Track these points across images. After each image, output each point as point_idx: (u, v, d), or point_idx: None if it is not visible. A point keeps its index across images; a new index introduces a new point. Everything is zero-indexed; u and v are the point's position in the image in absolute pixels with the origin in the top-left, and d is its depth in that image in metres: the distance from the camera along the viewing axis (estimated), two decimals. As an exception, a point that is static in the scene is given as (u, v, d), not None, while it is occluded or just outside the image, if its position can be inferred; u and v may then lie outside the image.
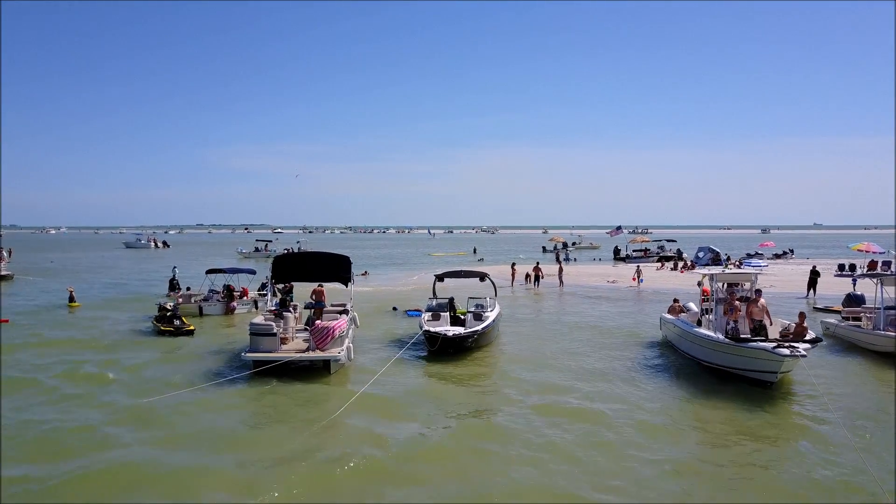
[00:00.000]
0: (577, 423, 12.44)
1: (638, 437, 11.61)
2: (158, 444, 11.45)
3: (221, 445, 11.33)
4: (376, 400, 14.06)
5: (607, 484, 9.67)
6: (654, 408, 13.51)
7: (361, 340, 19.53)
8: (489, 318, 19.63)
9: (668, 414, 13.13)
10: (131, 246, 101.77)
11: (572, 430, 11.99)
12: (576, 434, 11.81)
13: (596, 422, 12.49)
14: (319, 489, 9.57)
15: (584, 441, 11.45)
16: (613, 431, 11.94)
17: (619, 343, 20.47)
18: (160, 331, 21.59)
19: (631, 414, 12.95)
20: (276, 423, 12.57)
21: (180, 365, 17.43)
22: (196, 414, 13.07)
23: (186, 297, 26.78)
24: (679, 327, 18.30)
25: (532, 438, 11.55)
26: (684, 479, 9.90)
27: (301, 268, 19.61)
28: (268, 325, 16.49)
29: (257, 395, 14.53)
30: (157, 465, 10.46)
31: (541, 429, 12.08)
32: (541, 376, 16.17)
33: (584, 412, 13.12)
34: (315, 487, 9.62)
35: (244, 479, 9.85)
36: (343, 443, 11.39)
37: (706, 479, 9.94)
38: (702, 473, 10.14)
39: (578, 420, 12.60)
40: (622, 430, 12.01)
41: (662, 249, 64.03)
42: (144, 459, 10.68)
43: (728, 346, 15.10)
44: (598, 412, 13.10)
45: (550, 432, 11.85)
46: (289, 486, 9.58)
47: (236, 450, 11.04)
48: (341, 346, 16.61)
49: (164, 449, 11.18)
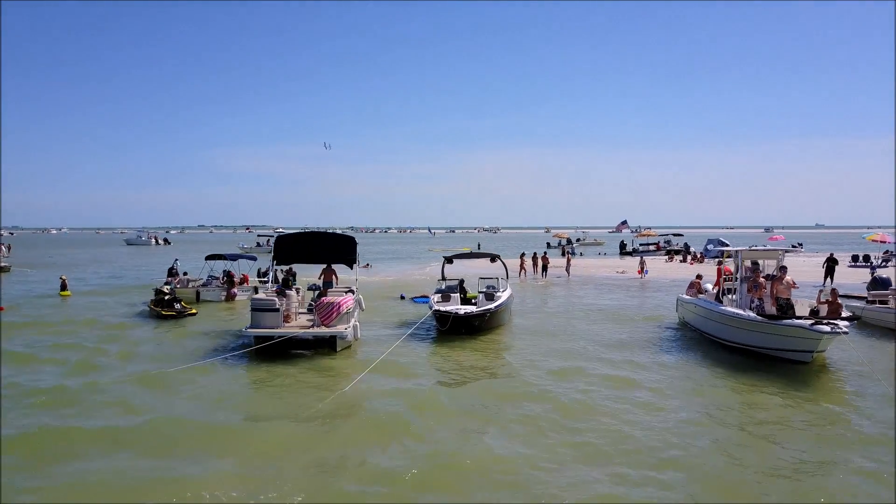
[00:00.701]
0: (608, 413, 11.58)
1: (666, 419, 10.75)
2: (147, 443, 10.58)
3: (218, 430, 10.40)
4: (389, 370, 13.37)
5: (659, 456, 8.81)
6: (687, 387, 12.65)
7: (367, 325, 18.67)
8: (502, 298, 18.77)
9: (705, 395, 12.24)
10: (132, 243, 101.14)
11: (606, 420, 11.15)
12: (615, 417, 10.96)
13: (627, 400, 11.63)
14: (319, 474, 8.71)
15: (622, 418, 10.60)
16: (643, 413, 11.08)
17: (636, 325, 19.65)
18: (161, 315, 20.73)
19: (656, 395, 12.08)
20: (278, 401, 11.72)
21: (178, 344, 16.63)
22: (194, 391, 12.22)
23: (184, 281, 25.87)
24: (702, 307, 17.39)
25: (561, 419, 10.68)
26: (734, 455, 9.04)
27: (304, 248, 18.64)
28: (270, 300, 15.64)
29: (257, 372, 13.69)
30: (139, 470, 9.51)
31: (572, 412, 11.21)
32: (560, 358, 15.30)
33: (616, 383, 12.35)
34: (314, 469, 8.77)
35: (241, 470, 8.90)
36: (349, 426, 10.53)
37: (757, 452, 9.08)
38: (750, 446, 9.29)
39: (613, 408, 11.75)
40: (649, 412, 11.15)
41: (669, 244, 63.16)
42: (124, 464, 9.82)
43: (760, 324, 14.19)
44: (625, 387, 12.26)
45: (584, 424, 10.94)
46: (288, 477, 8.73)
47: (233, 440, 9.87)
48: (348, 322, 15.77)
49: (151, 445, 10.28)
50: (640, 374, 13.33)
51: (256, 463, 8.61)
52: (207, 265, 26.95)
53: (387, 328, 19.13)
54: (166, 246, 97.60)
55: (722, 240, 57.06)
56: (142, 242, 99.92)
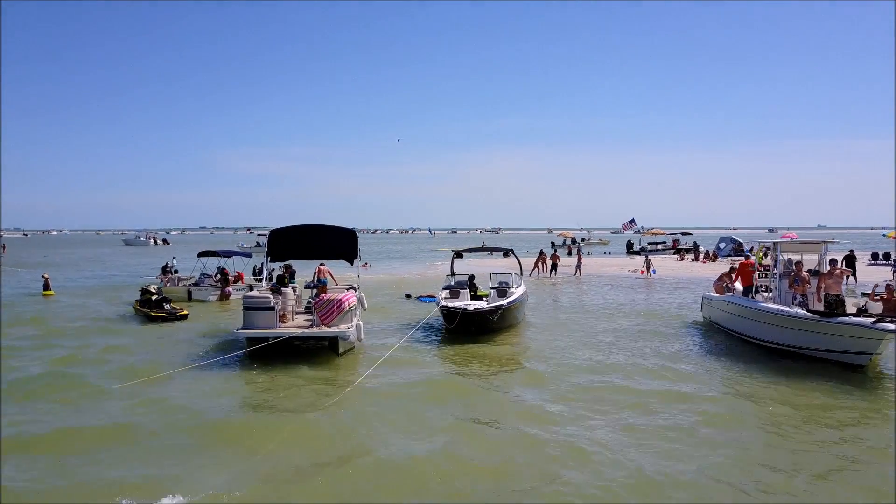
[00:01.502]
0: (642, 411, 10.12)
1: (711, 433, 9.28)
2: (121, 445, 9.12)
3: (205, 436, 9.04)
4: (392, 372, 12.03)
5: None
6: (728, 393, 11.18)
7: (370, 326, 17.23)
8: (515, 294, 17.30)
9: (757, 404, 10.77)
10: (131, 243, 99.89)
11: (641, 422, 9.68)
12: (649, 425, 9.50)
13: (655, 410, 10.17)
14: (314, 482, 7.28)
15: (653, 429, 9.14)
16: (677, 424, 9.60)
17: (660, 326, 18.12)
18: (151, 316, 19.22)
19: (695, 406, 10.60)
20: (271, 411, 10.27)
21: (160, 350, 15.13)
22: (178, 401, 10.76)
23: (174, 280, 24.37)
24: (738, 304, 15.84)
25: (585, 433, 9.22)
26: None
27: (301, 243, 17.02)
28: (264, 299, 14.17)
29: (250, 378, 12.25)
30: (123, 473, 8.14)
31: (598, 424, 9.74)
32: (582, 359, 13.86)
33: (641, 394, 10.84)
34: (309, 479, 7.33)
35: (226, 478, 7.55)
36: (350, 436, 9.10)
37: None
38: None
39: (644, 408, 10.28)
40: (685, 426, 9.68)
41: (678, 243, 61.61)
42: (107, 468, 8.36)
43: (812, 322, 12.68)
44: (653, 399, 10.79)
45: (614, 437, 9.50)
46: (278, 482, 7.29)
47: (222, 443, 8.76)
48: (350, 322, 14.31)
49: (127, 450, 8.85)
50: (680, 386, 11.79)
51: (247, 474, 7.19)
52: (200, 262, 25.43)
53: (390, 328, 17.71)
54: (165, 246, 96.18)
55: (735, 238, 55.73)
56: (140, 243, 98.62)
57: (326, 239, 17.05)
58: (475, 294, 18.49)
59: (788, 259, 15.75)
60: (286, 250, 17.20)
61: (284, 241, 16.89)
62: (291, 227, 16.91)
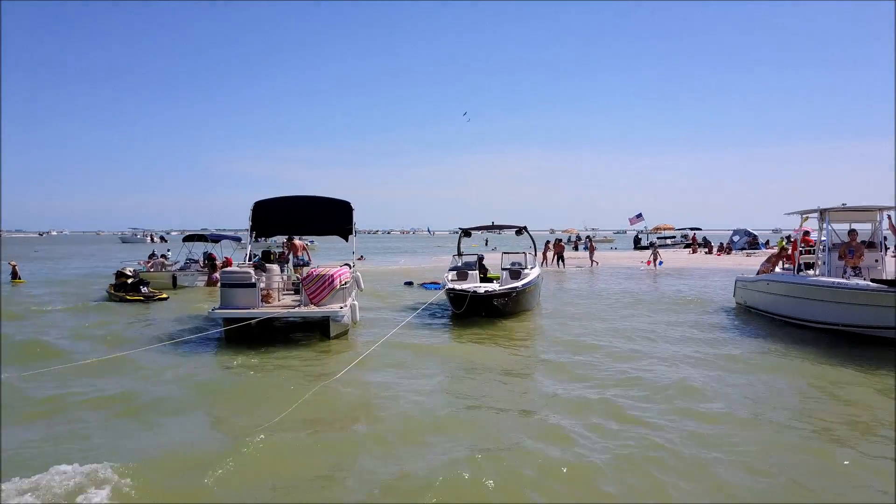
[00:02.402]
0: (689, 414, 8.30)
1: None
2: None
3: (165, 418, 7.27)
4: (388, 359, 10.21)
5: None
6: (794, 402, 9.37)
7: (367, 312, 15.45)
8: (530, 276, 15.50)
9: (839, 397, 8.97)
10: (127, 241, 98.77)
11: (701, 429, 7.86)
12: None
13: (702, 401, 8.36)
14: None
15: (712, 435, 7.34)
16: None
17: (691, 313, 16.26)
18: (124, 299, 17.52)
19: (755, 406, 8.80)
20: (247, 401, 8.50)
21: (125, 330, 13.42)
22: (133, 386, 8.98)
23: (158, 264, 22.60)
24: (782, 282, 13.99)
25: (621, 432, 7.42)
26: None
27: (289, 216, 15.23)
28: (244, 274, 12.38)
29: (224, 366, 10.44)
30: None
31: (631, 423, 7.95)
32: (612, 346, 12.02)
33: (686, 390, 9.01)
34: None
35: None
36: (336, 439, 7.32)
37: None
38: None
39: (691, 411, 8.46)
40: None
41: (686, 237, 59.73)
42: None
43: (881, 294, 10.80)
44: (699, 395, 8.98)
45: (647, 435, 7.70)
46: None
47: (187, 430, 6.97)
48: (343, 301, 12.54)
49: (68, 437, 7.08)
50: (725, 377, 10.02)
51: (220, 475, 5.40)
52: (185, 247, 23.68)
53: (390, 313, 15.90)
54: (162, 243, 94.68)
55: (749, 230, 53.90)
56: (136, 240, 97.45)
57: (318, 211, 15.28)
58: (485, 276, 16.72)
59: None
60: (272, 225, 15.44)
61: (270, 215, 15.08)
62: (278, 198, 15.08)
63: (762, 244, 50.05)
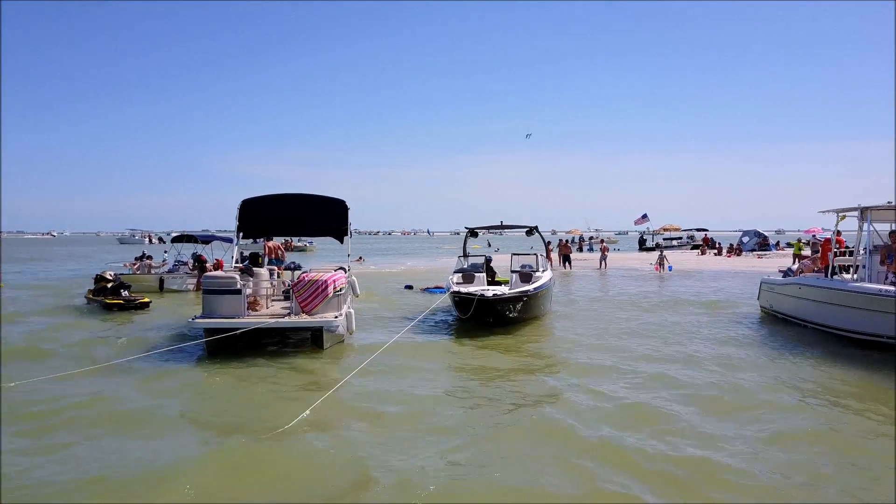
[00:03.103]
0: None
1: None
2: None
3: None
4: (389, 371, 9.07)
5: None
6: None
7: (365, 319, 14.26)
8: (542, 279, 14.28)
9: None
10: (125, 242, 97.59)
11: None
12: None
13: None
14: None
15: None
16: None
17: (712, 319, 15.09)
18: (105, 304, 16.30)
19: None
20: (231, 418, 7.31)
21: (87, 338, 12.20)
22: (98, 407, 7.78)
23: (144, 266, 21.36)
24: (819, 287, 12.75)
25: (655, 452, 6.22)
26: None
27: (280, 216, 14.00)
28: (228, 279, 11.16)
29: (202, 383, 9.25)
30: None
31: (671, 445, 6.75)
32: (634, 359, 10.82)
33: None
34: None
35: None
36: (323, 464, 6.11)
37: None
38: None
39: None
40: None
41: (693, 238, 58.49)
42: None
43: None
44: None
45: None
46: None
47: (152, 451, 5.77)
48: (338, 309, 11.31)
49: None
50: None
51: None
52: (174, 248, 22.46)
53: (389, 320, 14.70)
54: (161, 244, 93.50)
55: (759, 231, 52.68)
56: (134, 241, 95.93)
57: (310, 210, 14.03)
58: (493, 279, 15.52)
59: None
60: (261, 225, 14.19)
61: (259, 215, 13.81)
62: (268, 196, 13.84)
63: (772, 245, 48.86)
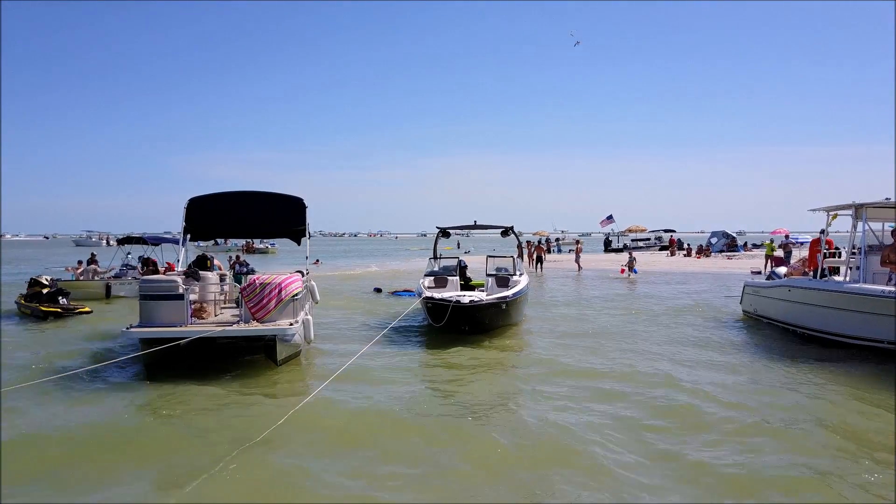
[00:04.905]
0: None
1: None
2: None
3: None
4: (353, 389, 7.90)
5: None
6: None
7: (326, 327, 13.10)
8: (520, 284, 13.31)
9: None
10: (81, 244, 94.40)
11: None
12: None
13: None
14: None
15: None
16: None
17: (699, 324, 14.32)
18: (41, 312, 14.80)
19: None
20: (169, 446, 6.11)
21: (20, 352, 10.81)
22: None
23: (88, 271, 19.76)
24: (810, 289, 11.99)
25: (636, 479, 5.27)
26: None
27: (230, 215, 12.64)
28: (168, 283, 9.86)
29: (134, 404, 8.00)
30: None
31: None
32: (615, 365, 9.91)
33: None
34: None
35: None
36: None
37: None
38: None
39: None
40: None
41: (661, 240, 58.31)
42: None
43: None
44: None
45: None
46: None
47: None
48: (294, 316, 10.12)
49: None
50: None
51: None
52: (121, 251, 20.91)
53: (354, 329, 13.55)
54: (120, 247, 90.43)
55: (728, 232, 52.71)
56: (91, 243, 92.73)
57: (264, 209, 12.70)
58: (467, 283, 14.50)
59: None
60: (210, 225, 12.80)
61: (208, 214, 12.40)
62: (218, 193, 12.48)
63: (740, 246, 48.93)
